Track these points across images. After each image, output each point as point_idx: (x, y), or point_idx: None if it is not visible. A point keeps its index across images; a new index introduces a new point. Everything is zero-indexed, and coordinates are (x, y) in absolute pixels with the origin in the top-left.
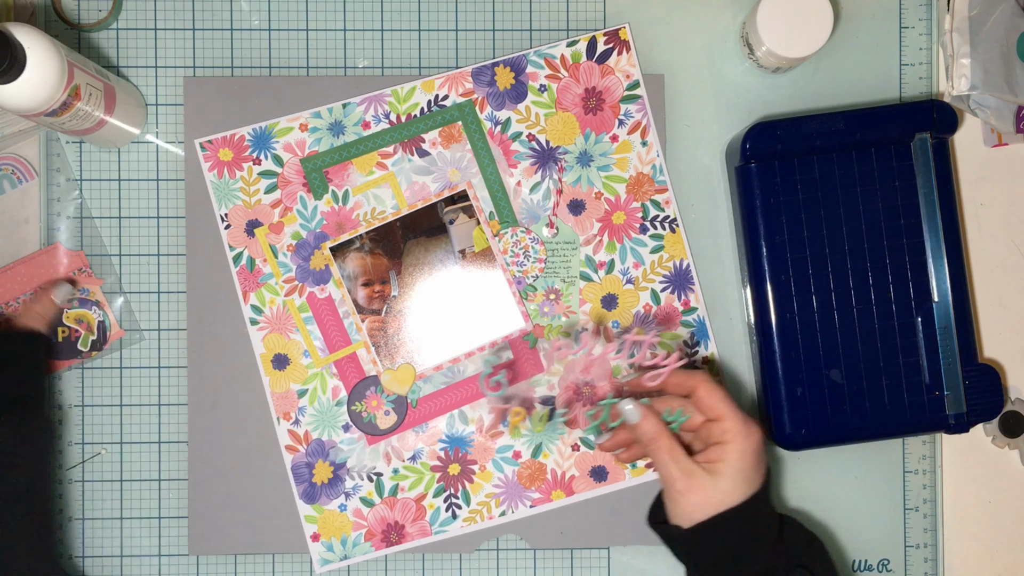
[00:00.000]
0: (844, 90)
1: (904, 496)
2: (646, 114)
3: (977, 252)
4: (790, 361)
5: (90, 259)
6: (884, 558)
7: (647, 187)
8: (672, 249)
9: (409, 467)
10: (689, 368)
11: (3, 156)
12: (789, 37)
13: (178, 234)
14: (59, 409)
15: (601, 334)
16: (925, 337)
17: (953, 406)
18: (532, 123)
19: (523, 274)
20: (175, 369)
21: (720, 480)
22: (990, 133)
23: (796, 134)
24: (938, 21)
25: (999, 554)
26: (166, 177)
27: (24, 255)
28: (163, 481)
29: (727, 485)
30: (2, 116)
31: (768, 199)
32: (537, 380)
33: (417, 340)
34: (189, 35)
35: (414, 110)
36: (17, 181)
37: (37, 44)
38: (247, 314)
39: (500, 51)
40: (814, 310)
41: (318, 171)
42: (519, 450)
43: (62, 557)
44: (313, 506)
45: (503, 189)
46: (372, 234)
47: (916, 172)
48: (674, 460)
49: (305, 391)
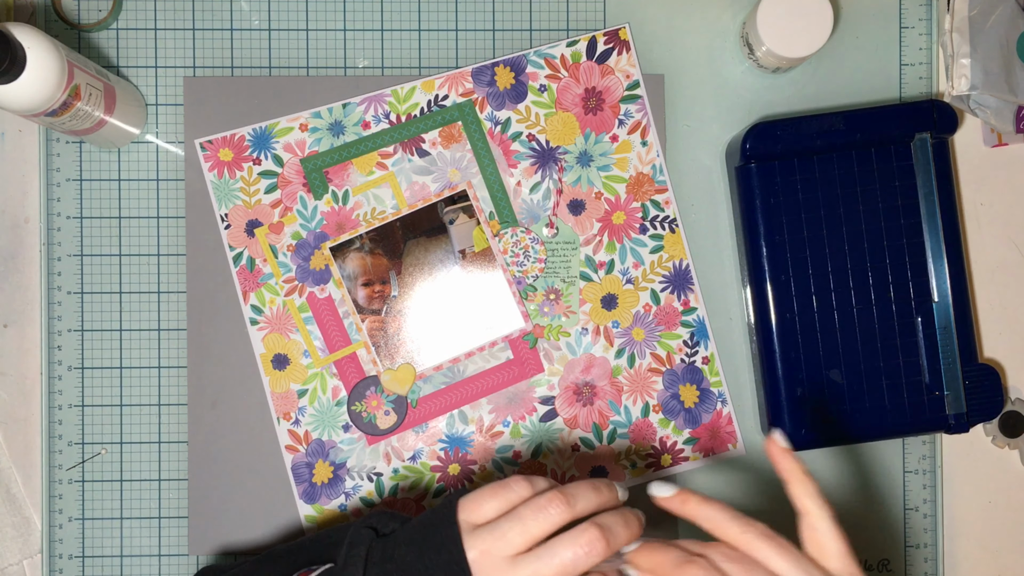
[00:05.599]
0: (844, 90)
1: (904, 496)
2: (646, 114)
3: (977, 252)
4: (790, 361)
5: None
6: (884, 558)
7: (647, 187)
8: (672, 249)
9: (409, 467)
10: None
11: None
12: (789, 37)
13: (178, 234)
14: (59, 409)
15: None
16: (925, 337)
17: (953, 406)
18: (532, 123)
19: (523, 274)
20: (175, 369)
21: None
22: (990, 133)
23: (796, 134)
24: (938, 21)
25: (999, 554)
26: (166, 177)
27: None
28: (163, 481)
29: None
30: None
31: (768, 199)
32: (537, 380)
33: (417, 340)
34: (189, 35)
35: (414, 110)
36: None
37: (37, 44)
38: (247, 314)
39: (500, 51)
40: (814, 310)
41: (318, 171)
42: (519, 450)
43: (61, 557)
44: (313, 506)
45: (503, 189)
46: (372, 234)
47: (916, 172)
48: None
49: (305, 391)
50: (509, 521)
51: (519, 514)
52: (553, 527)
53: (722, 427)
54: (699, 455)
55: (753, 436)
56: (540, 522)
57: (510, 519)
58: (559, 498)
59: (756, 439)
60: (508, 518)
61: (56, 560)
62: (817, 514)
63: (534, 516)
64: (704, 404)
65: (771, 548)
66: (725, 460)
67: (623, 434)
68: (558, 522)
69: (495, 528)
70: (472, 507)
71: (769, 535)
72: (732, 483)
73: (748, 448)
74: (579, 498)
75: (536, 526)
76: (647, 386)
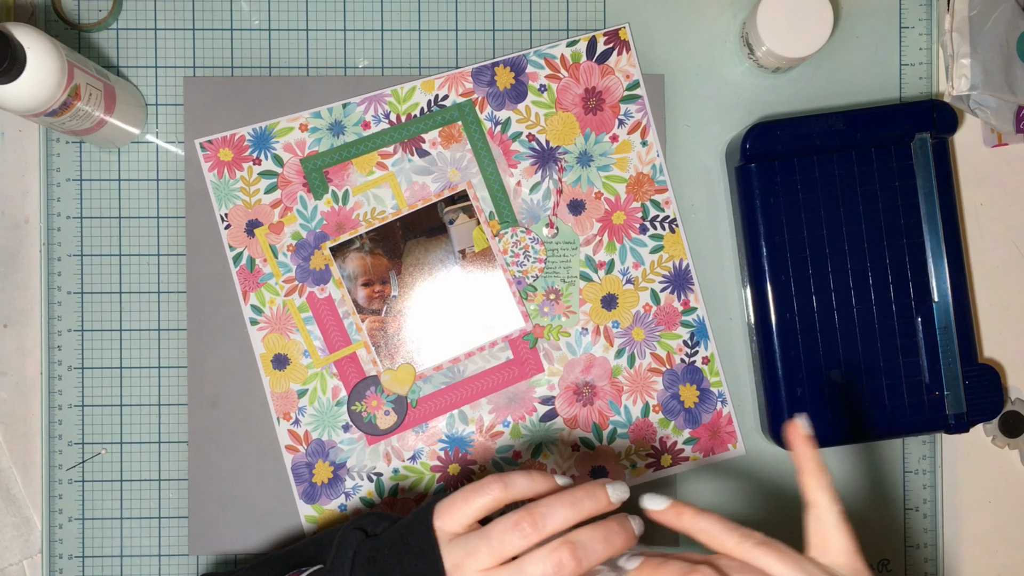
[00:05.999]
0: (844, 90)
1: (904, 496)
2: (646, 114)
3: (977, 252)
4: (790, 361)
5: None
6: (884, 558)
7: (647, 187)
8: (672, 249)
9: (409, 467)
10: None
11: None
12: (789, 37)
13: (178, 234)
14: (59, 409)
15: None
16: (925, 337)
17: (953, 406)
18: (532, 123)
19: (523, 274)
20: (175, 369)
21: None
22: (990, 133)
23: (796, 134)
24: (938, 21)
25: (999, 554)
26: (166, 177)
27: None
28: (163, 481)
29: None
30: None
31: (768, 199)
32: (537, 380)
33: (417, 340)
34: (189, 35)
35: (414, 110)
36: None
37: (37, 44)
38: (247, 314)
39: (500, 51)
40: (814, 310)
41: (318, 171)
42: (519, 450)
43: (61, 557)
44: (313, 506)
45: (503, 189)
46: (372, 234)
47: (916, 172)
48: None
49: (305, 391)
50: (479, 539)
51: (487, 533)
52: (521, 548)
53: (722, 427)
54: (699, 455)
55: (753, 436)
56: (505, 545)
57: (480, 536)
58: (527, 520)
59: (756, 439)
60: (479, 535)
61: (56, 560)
62: (826, 507)
63: (500, 538)
64: (704, 404)
65: (770, 555)
66: (725, 460)
67: (623, 434)
68: (525, 544)
69: (467, 543)
70: (447, 513)
71: (766, 542)
72: (732, 483)
73: (748, 448)
74: (550, 518)
75: (502, 548)
76: (647, 386)
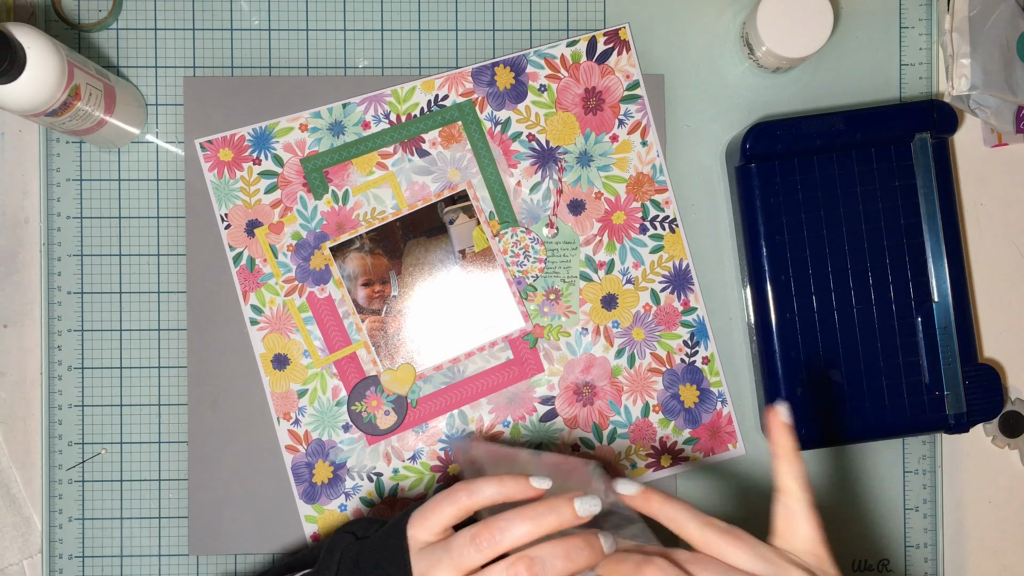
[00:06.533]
0: (844, 90)
1: (904, 496)
2: (646, 114)
3: (977, 252)
4: (790, 361)
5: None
6: (884, 558)
7: (647, 187)
8: (672, 249)
9: (409, 467)
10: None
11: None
12: (789, 37)
13: (178, 234)
14: (59, 409)
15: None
16: (925, 337)
17: (953, 406)
18: (532, 123)
19: (523, 274)
20: (175, 369)
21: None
22: (990, 133)
23: (796, 134)
24: (938, 21)
25: (999, 554)
26: (166, 177)
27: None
28: (163, 481)
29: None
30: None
31: (768, 199)
32: (537, 380)
33: (417, 340)
34: (189, 35)
35: (414, 110)
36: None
37: (37, 44)
38: (247, 314)
39: (500, 51)
40: (814, 310)
41: (318, 171)
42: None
43: (61, 557)
44: (313, 506)
45: (503, 189)
46: (372, 234)
47: (916, 172)
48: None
49: (305, 391)
50: (442, 550)
51: (449, 545)
52: (480, 562)
53: (722, 427)
54: (699, 455)
55: (753, 436)
56: (464, 558)
57: (443, 548)
58: (484, 534)
59: (756, 439)
60: (442, 547)
61: (56, 560)
62: (796, 495)
63: (459, 551)
64: (704, 404)
65: (728, 543)
66: (725, 460)
67: (623, 434)
68: (483, 558)
69: (431, 553)
70: (419, 522)
71: (727, 530)
72: (732, 483)
73: (748, 448)
74: (507, 532)
75: (461, 561)
76: (647, 386)
